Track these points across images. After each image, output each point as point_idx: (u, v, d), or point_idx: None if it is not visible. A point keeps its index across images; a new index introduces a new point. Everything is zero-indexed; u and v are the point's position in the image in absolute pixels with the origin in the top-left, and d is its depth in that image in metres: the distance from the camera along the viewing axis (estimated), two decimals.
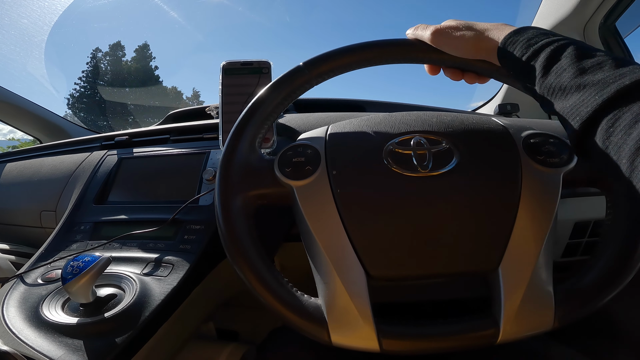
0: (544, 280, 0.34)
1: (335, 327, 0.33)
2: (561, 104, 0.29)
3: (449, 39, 0.38)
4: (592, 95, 0.26)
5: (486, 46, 0.36)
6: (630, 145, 0.23)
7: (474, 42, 0.37)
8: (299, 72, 0.40)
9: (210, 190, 0.58)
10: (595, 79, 0.27)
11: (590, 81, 0.27)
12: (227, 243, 0.36)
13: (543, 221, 0.35)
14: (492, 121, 0.42)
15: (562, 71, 0.29)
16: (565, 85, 0.29)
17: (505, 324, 0.33)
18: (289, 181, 0.38)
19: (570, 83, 0.28)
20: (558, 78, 0.29)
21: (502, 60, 0.35)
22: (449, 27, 0.38)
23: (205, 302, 0.56)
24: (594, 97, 0.26)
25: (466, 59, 0.39)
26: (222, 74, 0.57)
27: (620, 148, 0.24)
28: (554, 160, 0.37)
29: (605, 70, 0.27)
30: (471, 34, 0.37)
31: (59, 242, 0.58)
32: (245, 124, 0.39)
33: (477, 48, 0.37)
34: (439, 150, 0.38)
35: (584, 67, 0.28)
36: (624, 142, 0.24)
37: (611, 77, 0.26)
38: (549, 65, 0.30)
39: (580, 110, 0.27)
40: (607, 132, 0.25)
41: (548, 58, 0.30)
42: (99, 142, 0.78)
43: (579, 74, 0.28)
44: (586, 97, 0.27)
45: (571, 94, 0.28)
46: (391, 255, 0.35)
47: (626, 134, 0.24)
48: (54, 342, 0.39)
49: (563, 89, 0.29)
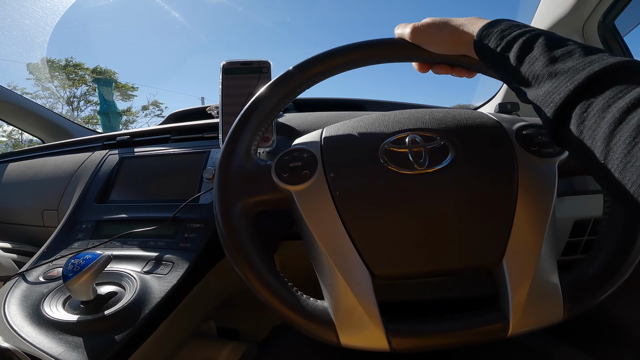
0: (549, 271, 0.34)
1: (343, 328, 0.34)
2: (535, 93, 0.30)
3: (427, 36, 0.39)
4: (564, 82, 0.27)
5: (464, 40, 0.37)
6: (604, 129, 0.23)
7: (452, 37, 0.38)
8: (289, 76, 0.41)
9: (210, 189, 0.58)
10: (566, 66, 0.27)
11: (561, 69, 0.27)
12: (231, 251, 0.36)
13: (543, 211, 0.35)
14: (485, 115, 0.42)
15: (535, 60, 0.30)
16: (537, 73, 0.29)
17: (514, 317, 0.33)
18: (287, 186, 0.38)
19: (542, 72, 0.29)
20: (531, 67, 0.30)
21: (479, 53, 0.36)
22: (425, 25, 0.39)
23: (205, 300, 0.57)
24: (566, 84, 0.27)
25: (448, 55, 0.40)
26: (222, 73, 0.57)
27: (595, 132, 0.24)
28: (548, 151, 0.37)
29: (575, 58, 0.27)
30: (447, 30, 0.38)
31: (61, 240, 0.58)
32: (240, 130, 0.40)
33: (455, 43, 0.38)
34: (434, 146, 0.38)
35: (554, 55, 0.29)
36: (597, 126, 0.24)
37: (581, 64, 0.27)
38: (522, 56, 0.31)
39: (554, 97, 0.27)
40: (580, 118, 0.26)
41: (521, 49, 0.31)
42: (101, 141, 0.79)
43: (550, 63, 0.28)
44: (558, 84, 0.27)
45: (544, 82, 0.29)
46: (394, 254, 0.35)
47: (599, 118, 0.24)
48: (55, 340, 0.40)
49: (536, 78, 0.29)
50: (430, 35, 0.39)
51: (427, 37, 0.39)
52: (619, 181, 0.23)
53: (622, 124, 0.23)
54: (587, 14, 0.69)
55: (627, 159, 0.22)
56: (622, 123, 0.23)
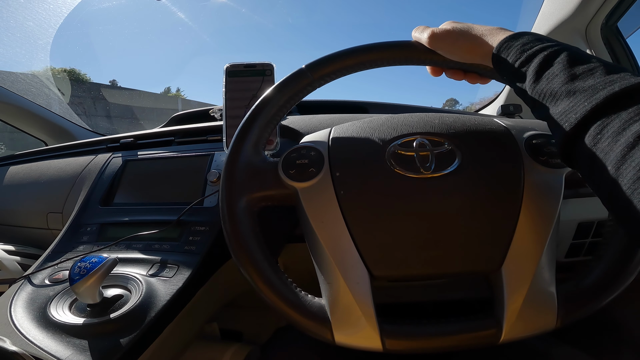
0: (546, 280, 0.34)
1: (338, 326, 0.34)
2: (551, 110, 0.29)
3: (444, 44, 0.39)
4: (582, 101, 0.26)
5: (481, 51, 0.37)
6: (617, 152, 0.23)
7: (469, 47, 0.37)
8: (301, 74, 0.41)
9: (214, 192, 0.59)
10: (585, 85, 0.27)
11: (580, 87, 0.27)
12: (232, 243, 0.36)
13: (545, 222, 0.35)
14: (494, 122, 0.42)
15: (554, 77, 0.29)
16: (555, 91, 0.29)
17: (507, 324, 0.33)
18: (293, 183, 0.38)
19: (560, 89, 0.28)
20: (549, 84, 0.29)
21: (496, 65, 0.35)
22: (444, 32, 0.38)
23: (210, 302, 0.57)
24: (583, 104, 0.26)
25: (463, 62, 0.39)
26: (225, 76, 0.58)
27: (607, 155, 0.24)
28: (556, 161, 0.37)
29: (596, 76, 0.27)
30: (466, 39, 0.37)
31: (66, 243, 0.59)
32: (249, 127, 0.40)
33: (472, 53, 0.38)
34: (442, 151, 0.38)
35: (575, 73, 0.28)
36: (610, 149, 0.24)
37: (601, 83, 0.26)
38: (541, 71, 0.30)
39: (569, 116, 0.27)
40: (594, 139, 0.25)
41: (540, 64, 0.30)
42: (105, 144, 0.79)
43: (569, 80, 0.28)
44: (575, 103, 0.27)
45: (561, 100, 0.28)
46: (394, 256, 0.35)
47: (613, 141, 0.24)
48: (62, 343, 0.40)
49: (553, 95, 0.29)
50: (447, 43, 0.38)
51: (444, 44, 0.39)
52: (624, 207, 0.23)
53: (635, 149, 0.22)
54: (590, 15, 0.70)
55: (635, 185, 0.22)
56: (635, 148, 0.22)
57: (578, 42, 0.75)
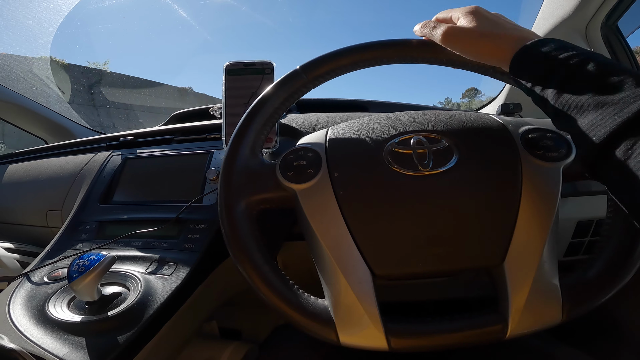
0: (549, 274, 0.34)
1: (343, 327, 0.34)
2: (577, 122, 0.28)
3: (462, 44, 0.37)
4: (611, 115, 0.25)
5: (502, 56, 0.35)
6: None
7: (490, 49, 0.35)
8: (296, 75, 0.41)
9: (213, 190, 0.59)
10: (615, 98, 0.25)
11: (610, 100, 0.26)
12: (233, 248, 0.36)
13: (545, 215, 0.35)
14: (490, 118, 0.42)
15: (580, 88, 0.28)
16: (582, 103, 0.27)
17: (513, 319, 0.33)
18: (292, 185, 0.38)
19: (588, 101, 0.27)
20: (575, 95, 0.28)
21: (516, 72, 0.34)
22: (465, 31, 0.36)
23: (208, 300, 0.57)
24: (613, 117, 0.25)
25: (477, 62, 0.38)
26: (225, 74, 0.58)
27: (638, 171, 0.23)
28: (553, 155, 0.37)
29: (626, 88, 0.25)
30: (489, 40, 0.35)
31: (65, 241, 0.59)
32: (245, 129, 0.40)
33: (491, 55, 0.36)
34: (439, 148, 0.38)
35: (603, 84, 0.27)
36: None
37: (632, 96, 0.25)
38: (566, 82, 0.29)
39: (597, 130, 0.26)
40: (625, 155, 0.24)
41: (567, 73, 0.29)
42: (104, 142, 0.79)
43: (597, 92, 0.26)
44: (604, 116, 0.25)
45: (588, 112, 0.27)
46: (395, 254, 0.35)
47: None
48: (60, 340, 0.40)
49: (579, 107, 0.28)
50: (465, 43, 0.36)
51: (461, 44, 0.37)
52: None
53: None
54: (590, 15, 0.69)
55: None
56: None
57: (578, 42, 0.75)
